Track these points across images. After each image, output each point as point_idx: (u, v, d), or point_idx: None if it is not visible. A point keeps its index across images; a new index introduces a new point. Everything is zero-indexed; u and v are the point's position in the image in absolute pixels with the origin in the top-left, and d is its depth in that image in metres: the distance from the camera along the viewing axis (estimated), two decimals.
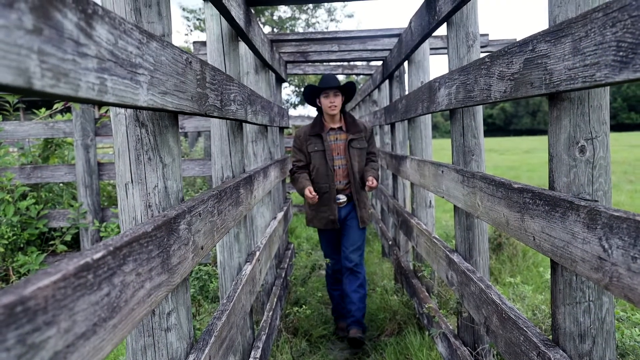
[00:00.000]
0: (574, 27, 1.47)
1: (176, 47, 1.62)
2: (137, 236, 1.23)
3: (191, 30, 28.52)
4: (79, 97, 0.94)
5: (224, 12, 2.90)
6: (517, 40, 1.93)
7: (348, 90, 4.90)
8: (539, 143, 45.87)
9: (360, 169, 4.85)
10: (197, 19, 28.01)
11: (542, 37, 1.71)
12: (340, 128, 4.90)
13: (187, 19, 28.40)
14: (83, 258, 0.95)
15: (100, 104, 1.09)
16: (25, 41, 0.77)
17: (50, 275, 0.82)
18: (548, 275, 4.48)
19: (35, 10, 0.79)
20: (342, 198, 4.81)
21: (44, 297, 0.78)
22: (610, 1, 1.27)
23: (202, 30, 27.86)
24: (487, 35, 7.21)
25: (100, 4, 1.65)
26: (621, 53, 1.22)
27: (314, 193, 4.60)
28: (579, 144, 1.75)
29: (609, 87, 1.65)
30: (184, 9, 28.24)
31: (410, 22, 4.51)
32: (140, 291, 1.21)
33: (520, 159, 26.83)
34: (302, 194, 4.74)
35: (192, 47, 8.02)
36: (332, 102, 4.76)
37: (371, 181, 4.63)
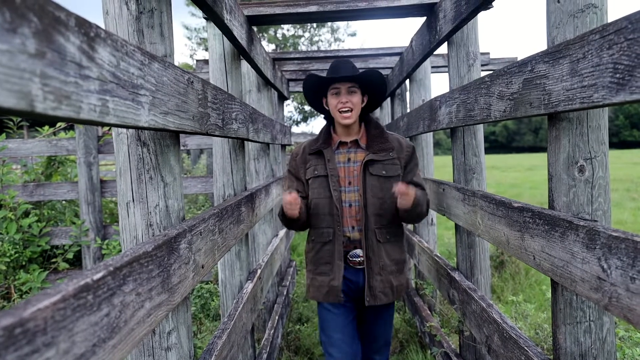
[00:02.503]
0: (572, 48, 1.49)
1: (178, 67, 1.64)
2: (138, 256, 1.23)
3: (195, 51, 28.70)
4: (81, 118, 0.96)
5: (226, 31, 2.93)
6: (518, 59, 1.95)
7: (373, 85, 2.92)
8: (542, 160, 45.86)
9: (383, 209, 2.83)
10: (200, 38, 28.21)
11: (540, 58, 1.72)
12: (356, 143, 2.93)
13: (189, 38, 28.62)
14: (83, 279, 0.95)
15: (102, 125, 1.10)
16: (28, 65, 0.78)
17: (49, 297, 0.83)
18: (550, 294, 4.46)
19: (38, 35, 0.80)
20: (361, 255, 2.86)
21: (43, 318, 0.79)
22: (607, 24, 1.29)
23: (206, 49, 28.05)
24: (488, 53, 7.26)
25: (103, 25, 1.68)
26: (618, 75, 1.23)
27: (293, 193, 2.74)
28: (578, 164, 1.76)
29: (607, 108, 1.66)
30: (187, 28, 28.46)
31: (411, 41, 4.54)
32: (140, 311, 1.22)
33: (522, 176, 26.82)
34: (286, 221, 2.92)
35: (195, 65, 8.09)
36: (344, 103, 2.81)
37: (402, 186, 2.62)
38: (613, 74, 1.26)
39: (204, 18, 3.15)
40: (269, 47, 26.26)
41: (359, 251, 2.86)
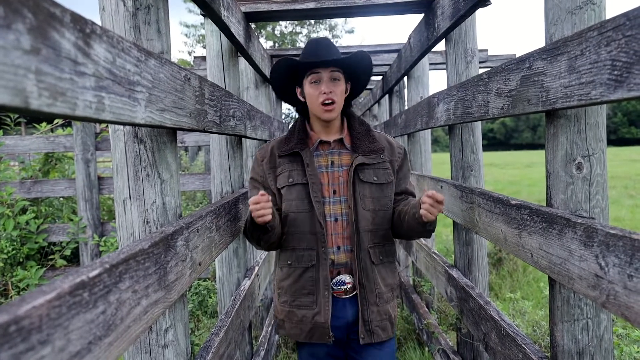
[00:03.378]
0: (570, 45, 1.49)
1: (175, 64, 1.63)
2: (134, 253, 1.23)
3: (193, 47, 28.66)
4: (76, 115, 0.95)
5: (224, 28, 2.92)
6: (516, 56, 1.95)
7: (359, 71, 2.39)
8: (540, 158, 45.91)
9: (376, 223, 2.33)
10: (199, 35, 28.17)
11: (538, 55, 1.72)
12: (340, 142, 2.39)
13: (187, 35, 28.59)
14: (79, 276, 0.95)
15: (98, 122, 1.10)
16: (23, 61, 0.77)
17: (45, 294, 0.82)
18: (547, 292, 4.47)
19: (33, 31, 0.80)
20: (348, 281, 2.32)
21: (38, 316, 0.78)
22: (605, 20, 1.28)
23: (204, 46, 28.01)
24: (486, 50, 7.26)
25: (100, 21, 1.68)
26: (616, 72, 1.23)
27: (262, 192, 2.06)
28: (576, 161, 1.76)
29: (605, 105, 1.66)
30: (186, 26, 28.42)
31: (409, 38, 4.54)
32: (136, 308, 1.21)
33: (521, 173, 26.85)
34: (256, 236, 2.24)
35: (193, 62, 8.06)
36: (328, 94, 2.26)
37: (431, 195, 2.06)
38: (611, 70, 1.25)
39: (202, 15, 3.14)
40: (267, 44, 26.24)
41: (345, 277, 2.31)
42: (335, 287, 2.31)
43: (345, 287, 2.32)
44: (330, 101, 2.25)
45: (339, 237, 2.32)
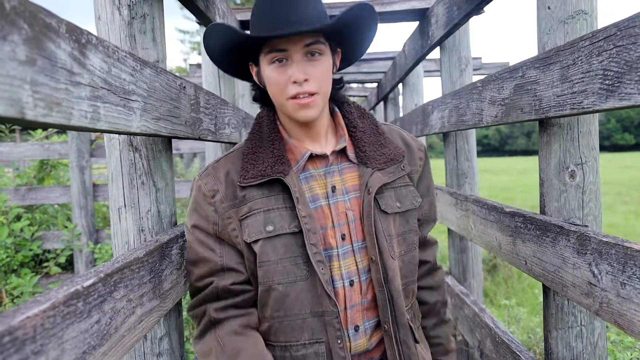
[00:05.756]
0: (562, 54, 1.50)
1: (170, 72, 1.63)
2: (129, 262, 1.23)
3: (188, 55, 28.75)
4: (72, 125, 0.95)
5: None
6: (509, 64, 1.96)
7: (353, 32, 1.39)
8: (534, 164, 45.95)
9: (405, 273, 1.45)
10: (194, 42, 28.25)
11: (531, 64, 1.73)
12: (342, 153, 1.45)
13: (182, 41, 28.69)
14: (73, 286, 0.95)
15: (93, 131, 1.10)
16: (18, 72, 0.78)
17: (39, 304, 0.83)
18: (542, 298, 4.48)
19: (29, 42, 0.80)
20: None
21: (32, 326, 0.79)
22: (596, 30, 1.30)
23: (199, 53, 28.07)
24: (480, 58, 7.30)
25: (95, 31, 1.68)
26: (607, 81, 1.24)
27: None
28: (569, 169, 1.77)
29: (597, 114, 1.67)
30: (181, 31, 28.50)
31: (404, 46, 4.56)
32: (131, 317, 1.21)
33: (515, 179, 26.91)
34: None
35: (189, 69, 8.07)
36: (301, 84, 1.29)
37: None
38: (602, 80, 1.27)
39: (197, 23, 3.15)
40: None
41: None
42: None
43: None
44: (306, 95, 1.32)
45: (357, 311, 1.40)
